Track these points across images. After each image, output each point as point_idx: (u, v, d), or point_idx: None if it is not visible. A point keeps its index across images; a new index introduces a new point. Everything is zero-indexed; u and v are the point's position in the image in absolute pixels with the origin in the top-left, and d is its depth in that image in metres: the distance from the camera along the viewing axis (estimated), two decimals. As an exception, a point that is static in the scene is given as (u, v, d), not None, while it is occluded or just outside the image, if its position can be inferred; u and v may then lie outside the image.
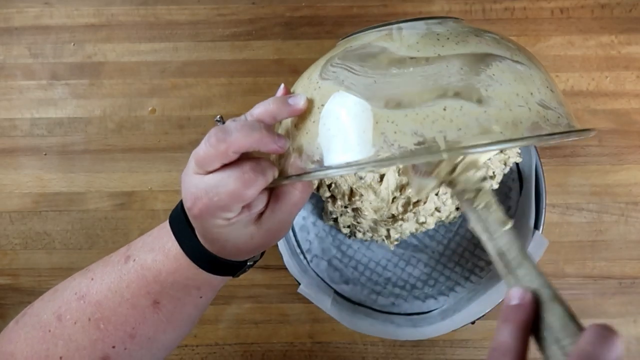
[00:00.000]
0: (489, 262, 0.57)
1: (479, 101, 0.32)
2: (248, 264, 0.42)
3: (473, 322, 0.54)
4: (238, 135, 0.34)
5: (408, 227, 0.56)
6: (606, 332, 0.28)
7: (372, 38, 0.36)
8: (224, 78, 0.63)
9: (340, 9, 0.63)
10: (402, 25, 0.37)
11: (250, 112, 0.37)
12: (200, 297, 0.41)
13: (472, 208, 0.37)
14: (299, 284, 0.54)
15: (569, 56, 0.62)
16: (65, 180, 0.62)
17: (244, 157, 0.35)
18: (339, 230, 0.59)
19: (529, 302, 0.32)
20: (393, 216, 0.55)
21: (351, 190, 0.54)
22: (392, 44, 0.35)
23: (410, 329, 0.55)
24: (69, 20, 0.63)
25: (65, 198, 0.62)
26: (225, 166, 0.35)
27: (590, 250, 0.61)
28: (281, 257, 0.55)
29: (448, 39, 0.35)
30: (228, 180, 0.34)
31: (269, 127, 0.35)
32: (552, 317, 0.32)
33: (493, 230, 0.36)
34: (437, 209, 0.55)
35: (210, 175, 0.35)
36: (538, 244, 0.53)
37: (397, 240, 0.57)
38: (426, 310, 0.57)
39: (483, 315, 0.53)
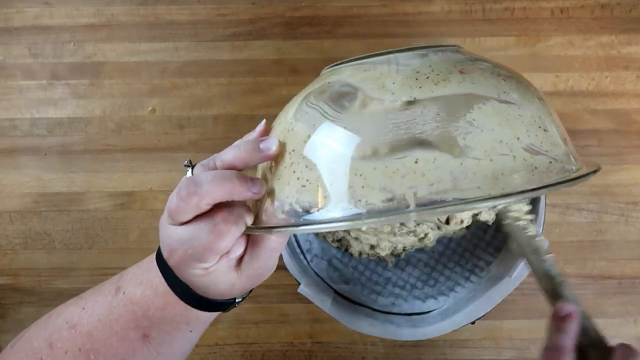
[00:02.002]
0: (489, 262, 0.57)
1: (455, 152, 0.29)
2: (237, 300, 0.41)
3: (473, 322, 0.54)
4: (209, 187, 0.33)
5: (405, 241, 0.56)
6: (629, 352, 0.36)
7: (351, 73, 0.34)
8: (224, 78, 0.63)
9: (340, 9, 0.63)
10: (381, 58, 0.35)
11: (220, 156, 0.36)
12: (191, 331, 0.41)
13: (523, 234, 0.41)
14: (299, 284, 0.54)
15: (569, 56, 0.62)
16: (65, 180, 0.62)
17: (217, 206, 0.34)
18: (325, 240, 0.59)
19: (578, 314, 0.38)
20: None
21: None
22: (367, 84, 0.33)
23: (410, 329, 0.55)
24: (69, 20, 0.63)
25: (65, 198, 0.62)
26: (198, 217, 0.34)
27: (590, 250, 0.61)
28: (281, 257, 0.55)
29: (428, 77, 0.32)
30: (200, 233, 0.34)
31: (241, 175, 0.34)
32: (584, 330, 0.38)
33: (541, 253, 0.40)
34: (439, 226, 0.54)
35: (183, 227, 0.35)
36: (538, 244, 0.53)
37: (394, 256, 0.57)
38: (426, 310, 0.57)
39: (483, 315, 0.53)
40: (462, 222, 0.52)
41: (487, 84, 0.32)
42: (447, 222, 0.52)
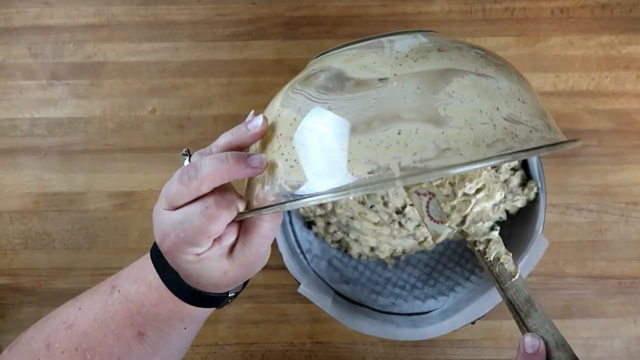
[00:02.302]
0: (489, 262, 0.57)
1: (437, 122, 0.30)
2: (230, 295, 0.41)
3: (473, 322, 0.54)
4: (208, 170, 0.34)
5: (404, 244, 0.56)
6: None
7: (334, 59, 0.35)
8: (224, 78, 0.63)
9: (340, 9, 0.63)
10: (362, 44, 0.36)
11: (215, 143, 0.37)
12: (185, 329, 0.41)
13: (483, 259, 0.40)
14: (299, 284, 0.54)
15: (569, 56, 0.62)
16: (65, 180, 0.62)
17: (210, 192, 0.35)
18: (324, 240, 0.59)
19: (542, 351, 0.37)
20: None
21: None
22: (348, 65, 0.34)
23: (410, 329, 0.55)
24: (69, 20, 0.63)
25: (65, 198, 0.62)
26: (190, 202, 0.35)
27: (590, 250, 0.61)
28: (281, 257, 0.55)
29: (407, 56, 0.33)
30: (192, 216, 0.34)
31: (237, 154, 0.35)
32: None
33: (502, 281, 0.39)
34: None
35: (177, 211, 0.35)
36: (538, 245, 0.53)
37: (394, 259, 0.57)
38: (426, 310, 0.57)
39: (483, 315, 0.53)
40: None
41: (465, 60, 0.33)
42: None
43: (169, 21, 0.63)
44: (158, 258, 0.39)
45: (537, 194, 0.53)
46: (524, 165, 0.55)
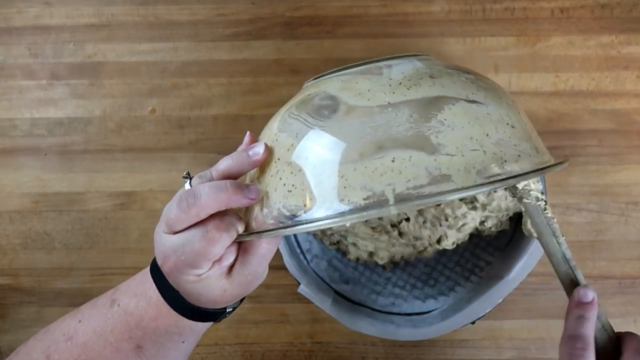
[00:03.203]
0: (489, 262, 0.57)
1: (429, 149, 0.31)
2: (228, 310, 0.42)
3: (473, 322, 0.54)
4: (207, 198, 0.35)
5: (403, 251, 0.56)
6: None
7: (330, 84, 0.36)
8: (224, 78, 0.63)
9: (340, 9, 0.63)
10: (357, 69, 0.37)
11: (215, 167, 0.38)
12: (183, 342, 0.42)
13: (543, 215, 0.42)
14: (299, 284, 0.54)
15: (569, 56, 0.62)
16: (65, 180, 0.62)
17: (210, 216, 0.36)
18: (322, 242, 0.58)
19: (596, 301, 0.39)
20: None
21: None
22: (343, 92, 0.35)
23: (410, 329, 0.55)
24: (69, 20, 0.63)
25: (65, 198, 0.62)
26: (191, 226, 0.36)
27: (590, 250, 0.61)
28: (281, 257, 0.55)
29: (400, 83, 0.34)
30: (193, 240, 0.35)
31: (236, 183, 0.36)
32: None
33: (558, 236, 0.41)
34: (438, 241, 0.54)
35: (177, 235, 0.36)
36: (538, 245, 0.53)
37: (393, 264, 0.57)
38: (426, 310, 0.57)
39: (483, 315, 0.53)
40: (453, 243, 0.52)
41: (456, 87, 0.35)
42: (439, 242, 0.52)
43: (169, 21, 0.63)
44: (158, 274, 0.40)
45: None
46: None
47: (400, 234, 0.53)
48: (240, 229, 0.37)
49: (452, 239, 0.52)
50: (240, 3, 0.63)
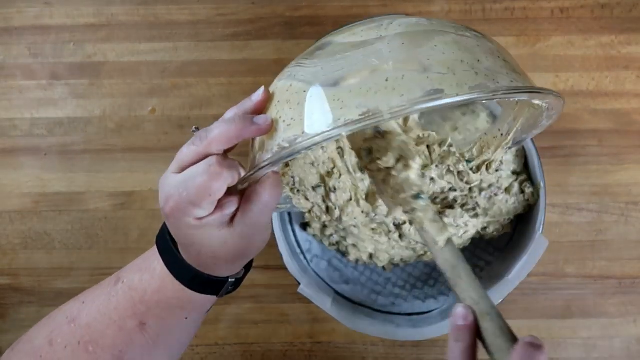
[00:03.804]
0: (489, 262, 0.57)
1: (421, 69, 0.32)
2: (230, 280, 0.41)
3: (473, 322, 0.54)
4: (217, 132, 0.35)
5: (402, 254, 0.56)
6: (531, 351, 0.33)
7: (328, 37, 0.38)
8: (224, 78, 0.63)
9: (340, 9, 0.63)
10: (359, 22, 0.38)
11: (223, 117, 0.38)
12: (186, 318, 0.41)
13: (418, 229, 0.42)
14: (299, 284, 0.54)
15: (569, 56, 0.62)
16: (65, 180, 0.62)
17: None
18: (322, 242, 0.58)
19: (472, 321, 0.36)
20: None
21: (322, 178, 0.52)
22: (340, 36, 0.36)
23: (410, 329, 0.55)
24: (69, 20, 0.63)
25: (65, 198, 0.62)
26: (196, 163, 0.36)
27: (590, 250, 0.61)
28: (281, 257, 0.55)
29: (391, 23, 0.36)
30: (196, 174, 0.35)
31: (243, 116, 0.36)
32: (485, 333, 0.36)
33: (430, 249, 0.40)
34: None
35: (182, 172, 0.36)
36: (538, 244, 0.53)
37: (393, 265, 0.57)
38: (426, 310, 0.57)
39: (483, 315, 0.53)
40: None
41: (446, 24, 0.36)
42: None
43: (169, 21, 0.63)
44: (163, 241, 0.40)
45: (536, 200, 0.53)
46: (525, 165, 0.55)
47: (401, 236, 0.53)
48: (243, 173, 0.36)
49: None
50: (240, 3, 0.63)
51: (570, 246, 0.61)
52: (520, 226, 0.56)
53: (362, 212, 0.51)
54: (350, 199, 0.50)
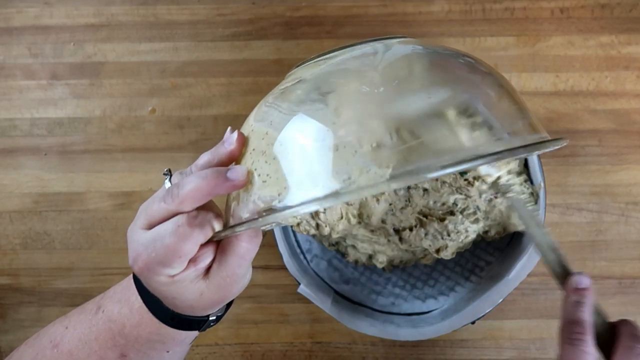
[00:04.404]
0: (489, 262, 0.57)
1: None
2: (211, 318, 0.40)
3: (473, 322, 0.54)
4: (188, 188, 0.33)
5: (402, 256, 0.56)
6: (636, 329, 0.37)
7: (307, 70, 0.35)
8: (224, 78, 0.63)
9: (340, 9, 0.63)
10: (335, 53, 0.36)
11: (196, 163, 0.36)
12: (168, 352, 0.40)
13: (526, 208, 0.42)
14: (299, 284, 0.54)
15: (569, 56, 0.62)
16: (65, 180, 0.62)
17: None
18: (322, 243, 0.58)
19: (591, 287, 0.39)
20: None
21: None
22: (319, 79, 0.34)
23: (410, 329, 0.55)
24: (69, 20, 0.63)
25: (65, 198, 0.62)
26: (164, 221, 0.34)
27: (590, 250, 0.61)
28: (281, 257, 0.55)
29: (383, 56, 0.34)
30: (164, 235, 0.33)
31: (217, 168, 0.34)
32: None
33: (542, 227, 0.41)
34: (437, 250, 0.52)
35: (151, 230, 0.34)
36: (538, 244, 0.53)
37: (393, 267, 0.57)
38: (426, 310, 0.57)
39: (483, 315, 0.53)
40: (452, 253, 0.52)
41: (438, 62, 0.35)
42: (438, 251, 0.52)
43: (169, 21, 0.63)
44: (138, 280, 0.39)
45: (537, 200, 0.53)
46: (525, 165, 0.55)
47: (401, 239, 0.53)
48: (217, 226, 0.34)
49: (452, 250, 0.52)
50: (240, 3, 0.63)
51: (570, 246, 0.61)
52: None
53: (353, 224, 0.50)
54: (342, 217, 0.49)
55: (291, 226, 0.53)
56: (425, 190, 0.49)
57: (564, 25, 0.62)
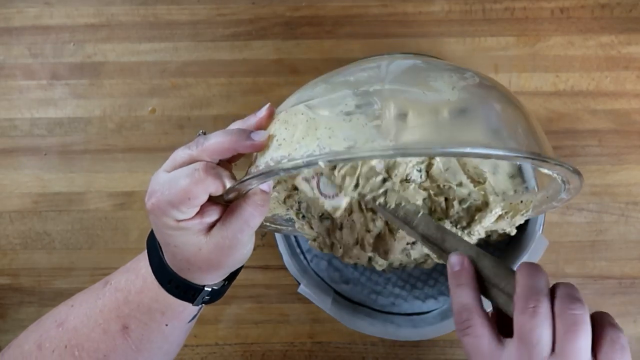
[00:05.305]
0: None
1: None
2: (206, 289, 0.41)
3: (473, 322, 0.54)
4: (213, 140, 0.36)
5: (402, 259, 0.55)
6: (534, 266, 0.35)
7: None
8: (224, 78, 0.63)
9: (340, 9, 0.63)
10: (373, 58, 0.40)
11: (227, 128, 0.39)
12: (166, 325, 0.41)
13: (385, 211, 0.43)
14: (299, 284, 0.54)
15: (569, 56, 0.62)
16: (65, 180, 0.62)
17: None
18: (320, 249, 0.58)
19: (468, 263, 0.37)
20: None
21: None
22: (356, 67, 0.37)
23: (410, 329, 0.55)
24: (69, 20, 0.63)
25: (65, 198, 0.62)
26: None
27: (590, 250, 0.61)
28: (281, 257, 0.55)
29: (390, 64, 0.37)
30: (180, 177, 0.36)
31: (242, 129, 0.37)
32: (485, 270, 0.37)
33: (410, 220, 0.41)
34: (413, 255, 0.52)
35: (171, 172, 0.37)
36: (538, 244, 0.53)
37: (392, 269, 0.57)
38: (426, 310, 0.57)
39: (483, 315, 0.53)
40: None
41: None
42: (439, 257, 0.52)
43: (169, 21, 0.63)
44: (151, 237, 0.41)
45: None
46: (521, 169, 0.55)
47: (403, 249, 0.53)
48: (229, 183, 0.36)
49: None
50: (240, 3, 0.63)
51: (570, 246, 0.61)
52: (520, 226, 0.56)
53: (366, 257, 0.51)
54: (357, 243, 0.49)
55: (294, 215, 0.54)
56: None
57: (564, 25, 0.62)
